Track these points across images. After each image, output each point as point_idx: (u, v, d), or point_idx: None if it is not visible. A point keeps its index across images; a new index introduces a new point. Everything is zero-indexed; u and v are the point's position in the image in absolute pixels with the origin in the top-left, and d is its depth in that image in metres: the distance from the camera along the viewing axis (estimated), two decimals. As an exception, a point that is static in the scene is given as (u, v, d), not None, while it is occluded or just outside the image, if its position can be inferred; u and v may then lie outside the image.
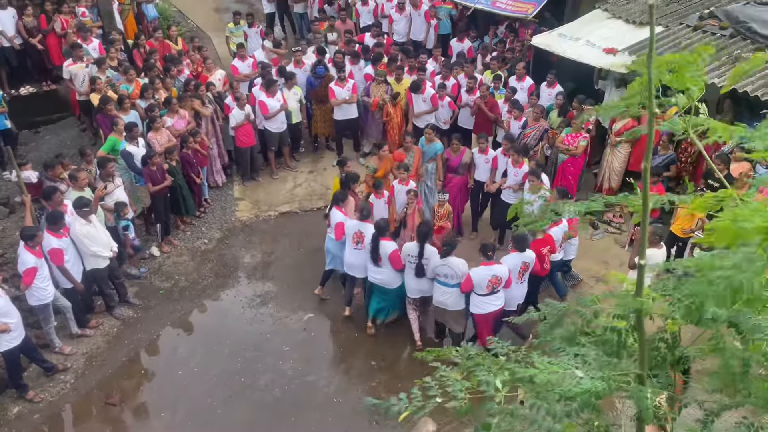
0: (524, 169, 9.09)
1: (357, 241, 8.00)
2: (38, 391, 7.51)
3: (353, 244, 8.05)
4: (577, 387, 1.96)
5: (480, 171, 9.69)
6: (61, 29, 12.72)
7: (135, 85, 10.84)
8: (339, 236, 8.20)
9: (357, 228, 8.01)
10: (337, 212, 8.29)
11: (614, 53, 10.25)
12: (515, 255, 7.47)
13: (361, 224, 7.99)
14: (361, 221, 8.01)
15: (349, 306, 8.63)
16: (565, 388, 1.99)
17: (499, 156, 9.53)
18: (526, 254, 7.50)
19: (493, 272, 7.25)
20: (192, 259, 9.78)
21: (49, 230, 7.56)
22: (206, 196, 10.89)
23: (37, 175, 9.10)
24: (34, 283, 7.29)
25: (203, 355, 8.12)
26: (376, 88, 11.43)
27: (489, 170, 9.62)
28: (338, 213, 8.27)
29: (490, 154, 9.59)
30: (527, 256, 7.51)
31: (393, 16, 13.93)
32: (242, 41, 13.13)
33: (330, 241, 8.51)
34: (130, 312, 8.72)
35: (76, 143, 12.01)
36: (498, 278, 7.28)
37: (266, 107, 10.84)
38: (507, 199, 9.36)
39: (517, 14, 12.51)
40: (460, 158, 9.64)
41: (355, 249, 8.05)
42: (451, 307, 7.60)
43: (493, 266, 7.30)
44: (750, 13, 9.60)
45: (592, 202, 2.54)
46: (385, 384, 7.64)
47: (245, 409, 7.36)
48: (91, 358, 8.02)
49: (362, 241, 7.95)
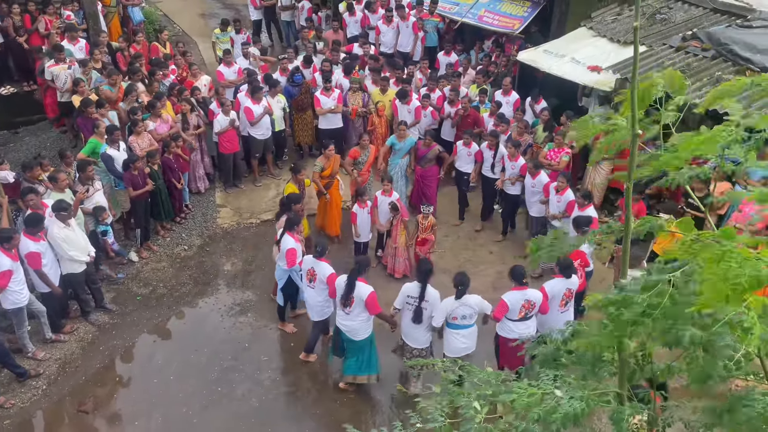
0: (520, 162, 9.64)
1: (310, 279, 7.45)
2: (9, 396, 7.36)
3: (306, 281, 7.53)
4: (556, 412, 1.95)
5: (462, 162, 10.26)
6: (45, 30, 12.59)
7: (119, 88, 10.74)
8: (292, 263, 7.63)
9: (311, 265, 7.41)
10: (289, 238, 7.74)
11: (598, 71, 10.36)
12: (559, 280, 7.00)
13: (316, 262, 7.35)
14: (317, 259, 7.35)
15: (308, 353, 7.95)
16: (543, 410, 1.98)
17: (485, 150, 9.97)
18: (572, 280, 7.02)
19: (526, 297, 6.79)
20: (171, 265, 9.67)
21: (27, 233, 7.43)
22: (187, 202, 10.80)
23: (14, 175, 8.96)
24: (8, 286, 7.16)
25: (180, 363, 8.01)
26: (352, 97, 11.47)
27: (472, 162, 10.17)
28: (290, 239, 7.74)
29: (473, 148, 10.08)
30: (572, 282, 7.03)
31: (380, 27, 13.98)
32: (229, 47, 13.10)
33: (277, 268, 8.06)
34: (106, 318, 8.60)
35: (56, 145, 11.87)
36: (531, 303, 6.80)
37: (252, 113, 10.80)
38: (507, 189, 9.91)
39: (504, 29, 12.61)
40: (428, 150, 10.03)
41: (308, 286, 7.52)
42: (472, 348, 6.98)
43: (526, 290, 6.81)
44: (731, 35, 9.76)
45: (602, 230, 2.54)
46: (364, 395, 7.59)
47: (222, 418, 7.26)
48: (65, 364, 7.88)
49: (314, 280, 7.38)
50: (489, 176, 10.18)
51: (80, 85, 10.55)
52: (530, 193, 9.56)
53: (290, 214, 8.15)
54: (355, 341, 7.14)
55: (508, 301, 6.79)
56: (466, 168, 10.29)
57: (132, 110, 10.02)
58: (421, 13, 14.16)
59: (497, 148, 9.91)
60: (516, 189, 9.82)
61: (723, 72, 9.30)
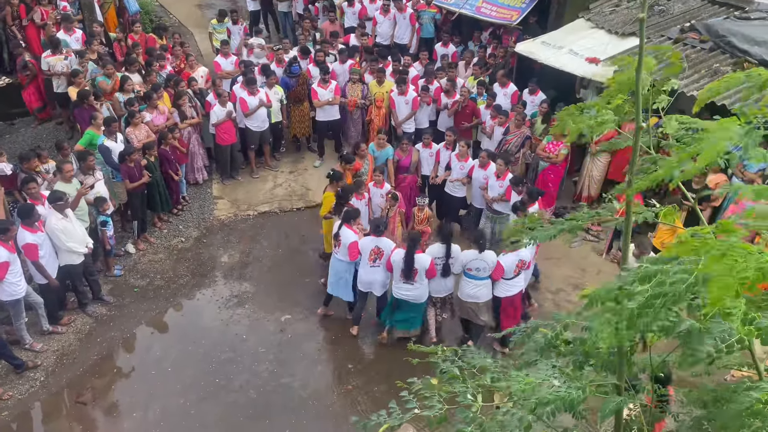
0: (470, 164, 9.57)
1: (374, 258, 7.76)
2: (7, 388, 7.37)
3: (370, 262, 7.80)
4: (552, 395, 1.96)
5: (424, 165, 10.13)
6: (40, 20, 12.51)
7: (114, 80, 10.70)
8: (355, 256, 7.84)
9: (374, 244, 7.77)
10: (348, 231, 7.86)
11: (596, 63, 10.34)
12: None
13: (378, 239, 7.75)
14: (377, 236, 7.76)
15: (357, 325, 8.32)
16: (541, 396, 1.99)
17: (442, 150, 9.92)
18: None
19: (519, 257, 7.54)
20: (168, 257, 9.67)
21: (24, 225, 7.42)
22: (184, 194, 10.78)
23: (12, 167, 8.93)
24: (5, 277, 7.15)
25: (177, 355, 8.03)
26: (351, 88, 11.41)
27: (432, 163, 10.06)
28: (350, 232, 7.85)
29: (434, 148, 10.00)
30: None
31: (377, 18, 13.91)
32: (226, 38, 13.04)
33: (339, 263, 8.06)
34: (104, 309, 8.60)
35: (53, 136, 11.83)
36: (523, 262, 7.61)
37: (246, 105, 10.77)
38: (451, 191, 9.86)
39: (501, 21, 12.57)
40: (410, 158, 9.93)
41: (372, 267, 7.83)
42: (483, 298, 7.71)
43: (519, 251, 7.45)
44: (729, 27, 9.75)
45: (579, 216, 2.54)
46: (362, 387, 7.62)
47: (219, 410, 7.28)
48: (63, 355, 7.89)
49: (380, 257, 7.75)
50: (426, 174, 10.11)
51: (77, 76, 10.51)
52: (479, 186, 9.49)
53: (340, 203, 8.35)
54: (419, 304, 7.81)
55: (503, 262, 7.52)
56: (428, 171, 10.11)
57: (129, 101, 9.98)
58: (417, 4, 14.10)
59: (454, 147, 9.75)
60: (461, 191, 9.80)
61: (721, 64, 9.30)
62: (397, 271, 7.60)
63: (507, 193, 8.99)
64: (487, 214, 9.50)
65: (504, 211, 9.15)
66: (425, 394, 2.38)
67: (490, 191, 9.27)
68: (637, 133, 2.15)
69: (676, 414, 2.38)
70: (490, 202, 9.29)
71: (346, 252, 7.86)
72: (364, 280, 7.98)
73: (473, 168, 9.49)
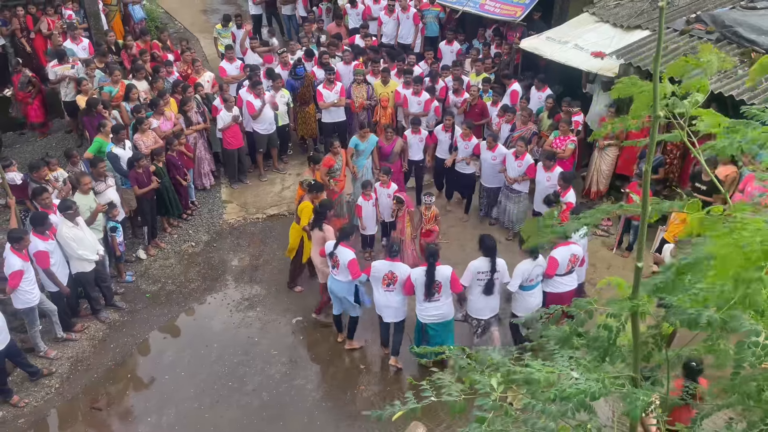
0: (473, 142, 9.86)
1: (388, 283, 7.24)
2: (23, 395, 7.42)
3: (383, 287, 7.28)
4: (572, 388, 1.95)
5: (413, 150, 10.23)
6: (47, 30, 12.61)
7: (120, 87, 10.76)
8: (357, 274, 7.33)
9: (388, 269, 7.21)
10: (345, 249, 7.37)
11: (602, 57, 10.30)
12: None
13: (392, 264, 7.21)
14: (391, 260, 7.25)
15: (386, 346, 7.86)
16: (560, 388, 1.98)
17: (439, 131, 10.12)
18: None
19: (572, 251, 7.21)
20: (179, 262, 9.71)
21: (35, 233, 7.47)
22: (193, 199, 10.83)
23: (22, 176, 9.00)
24: (20, 286, 7.21)
25: (190, 359, 8.06)
26: (356, 89, 11.41)
27: (422, 149, 10.27)
28: (347, 250, 7.38)
29: (422, 134, 10.18)
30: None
31: (381, 18, 13.92)
32: (230, 43, 13.07)
33: (339, 284, 7.53)
34: (116, 315, 8.64)
35: (62, 145, 11.91)
36: (576, 256, 7.24)
37: (253, 107, 10.80)
38: (461, 169, 10.11)
39: (506, 17, 12.54)
40: (392, 146, 9.97)
41: (386, 291, 7.30)
42: (541, 304, 7.24)
43: (570, 245, 7.16)
44: (736, 17, 9.68)
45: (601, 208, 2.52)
46: (373, 388, 7.62)
47: (233, 413, 7.30)
48: (77, 362, 7.93)
49: (394, 283, 7.21)
50: (442, 158, 10.31)
51: (84, 84, 10.57)
52: (489, 166, 9.77)
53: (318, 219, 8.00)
54: (447, 322, 7.25)
55: (557, 256, 7.17)
56: (417, 156, 10.30)
57: (136, 108, 10.04)
58: (421, 3, 14.09)
59: (453, 129, 10.04)
60: (469, 168, 10.06)
61: (728, 54, 9.23)
62: (419, 292, 7.11)
63: (529, 171, 9.32)
64: (505, 193, 9.76)
65: (522, 190, 9.52)
66: (442, 385, 2.37)
67: (510, 172, 9.48)
68: (654, 123, 2.14)
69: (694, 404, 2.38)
70: (510, 182, 9.52)
71: (347, 271, 7.38)
72: (378, 304, 7.50)
73: (478, 146, 9.79)
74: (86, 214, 8.13)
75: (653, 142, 2.17)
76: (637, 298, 2.07)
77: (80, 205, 8.10)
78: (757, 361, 1.96)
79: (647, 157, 2.23)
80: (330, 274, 7.64)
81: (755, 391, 2.00)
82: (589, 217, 2.45)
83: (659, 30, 2.07)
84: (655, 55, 2.08)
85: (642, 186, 5.31)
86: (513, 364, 2.30)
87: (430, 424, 6.60)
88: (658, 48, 2.08)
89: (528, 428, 2.10)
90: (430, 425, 6.58)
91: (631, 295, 2.11)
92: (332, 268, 7.54)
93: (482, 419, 2.08)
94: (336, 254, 7.41)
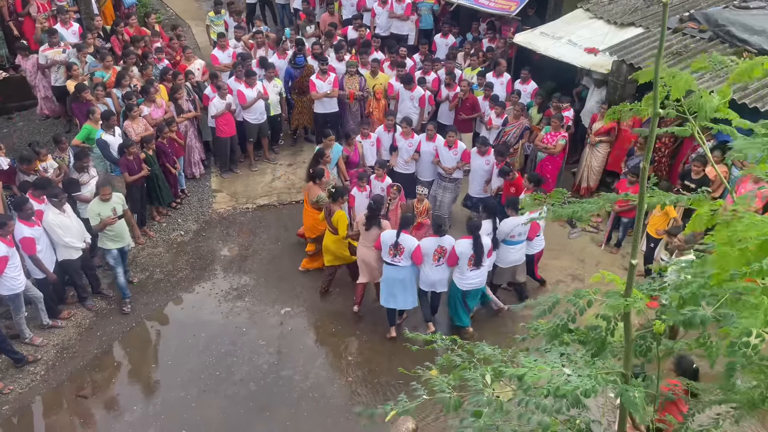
0: (416, 140, 9.86)
1: (438, 257, 7.66)
2: (7, 382, 7.37)
3: (434, 262, 7.69)
4: (566, 384, 1.95)
5: (368, 156, 10.06)
6: (36, 13, 12.44)
7: (111, 73, 10.64)
8: (421, 259, 7.68)
9: (437, 244, 7.64)
10: (408, 237, 7.65)
11: (595, 53, 10.32)
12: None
13: (441, 239, 7.65)
14: (440, 236, 7.65)
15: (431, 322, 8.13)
16: (553, 385, 1.98)
17: (382, 135, 10.05)
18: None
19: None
20: (167, 251, 9.65)
21: (21, 218, 7.40)
22: (183, 187, 10.76)
23: (9, 161, 8.89)
24: (4, 272, 7.13)
25: (177, 348, 8.02)
26: (349, 80, 11.35)
27: (374, 153, 10.09)
28: (410, 237, 7.67)
29: (373, 138, 10.07)
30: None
31: (375, 9, 13.85)
32: (223, 31, 12.96)
33: (402, 270, 7.74)
34: (103, 303, 8.59)
35: (50, 130, 11.78)
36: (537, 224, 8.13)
37: (244, 97, 10.72)
38: (402, 170, 10.05)
39: (500, 11, 12.52)
40: (357, 152, 9.89)
41: (437, 266, 7.72)
42: (522, 260, 8.26)
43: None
44: (728, 16, 9.72)
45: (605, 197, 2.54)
46: (362, 379, 7.62)
47: (220, 402, 7.28)
48: (63, 349, 7.88)
49: (443, 256, 7.67)
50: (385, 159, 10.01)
51: (74, 68, 10.45)
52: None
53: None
54: (483, 287, 7.99)
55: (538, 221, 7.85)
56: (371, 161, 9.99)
57: (126, 95, 9.94)
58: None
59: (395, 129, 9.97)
60: (408, 168, 10.06)
61: (720, 54, 9.26)
62: (464, 261, 7.57)
63: (464, 156, 9.57)
64: (441, 184, 9.88)
65: (459, 177, 9.78)
66: (434, 383, 2.36)
67: (444, 162, 9.63)
68: (654, 119, 2.14)
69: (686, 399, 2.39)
70: (448, 172, 9.66)
71: (410, 257, 7.68)
72: (429, 280, 7.85)
73: (420, 143, 9.83)
74: (96, 219, 7.94)
75: (652, 138, 2.17)
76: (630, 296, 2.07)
77: (91, 210, 7.97)
78: (747, 361, 1.97)
79: (645, 152, 2.23)
80: (388, 264, 7.77)
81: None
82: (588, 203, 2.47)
83: (662, 27, 2.07)
84: (657, 51, 2.08)
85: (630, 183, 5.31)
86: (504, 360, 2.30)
87: (420, 414, 6.62)
88: (660, 45, 2.07)
89: (523, 423, 2.10)
90: (419, 419, 6.60)
91: (624, 293, 2.11)
92: (394, 256, 7.70)
93: (479, 413, 2.07)
94: (400, 242, 7.63)
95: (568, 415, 2.22)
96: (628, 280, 2.12)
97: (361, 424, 6.86)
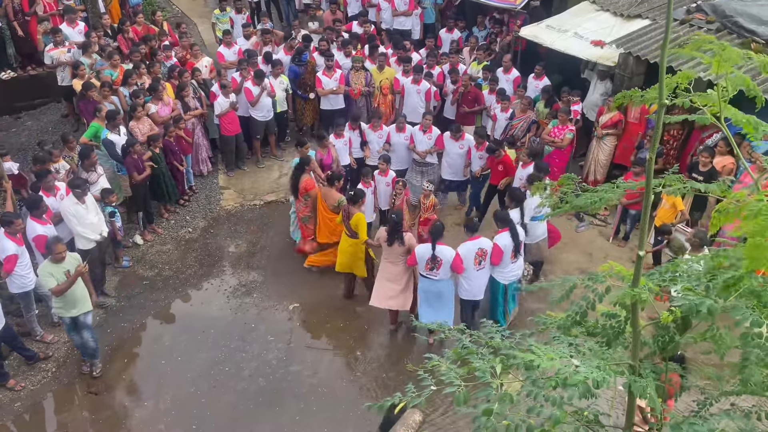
0: (385, 131, 9.99)
1: (479, 260, 7.43)
2: (19, 379, 7.43)
3: (476, 266, 7.43)
4: (575, 375, 1.95)
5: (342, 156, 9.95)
6: (43, 12, 12.47)
7: (119, 71, 10.68)
8: (461, 268, 7.38)
9: (476, 247, 7.40)
10: (445, 248, 7.34)
11: (602, 46, 10.27)
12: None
13: (479, 241, 7.46)
14: (476, 238, 7.51)
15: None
16: (562, 375, 1.98)
17: (350, 134, 10.03)
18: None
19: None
20: (176, 248, 9.69)
21: (33, 217, 7.45)
22: (192, 183, 10.79)
23: (18, 166, 8.96)
24: (14, 270, 7.19)
25: (187, 344, 8.07)
26: (355, 76, 11.34)
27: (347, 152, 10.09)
28: (447, 248, 7.35)
29: (345, 137, 9.96)
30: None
31: (381, 4, 13.83)
32: (228, 28, 12.98)
33: (440, 284, 7.49)
34: (113, 300, 8.64)
35: (58, 129, 11.84)
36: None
37: (251, 93, 10.74)
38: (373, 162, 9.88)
39: (506, 5, 12.47)
40: (330, 154, 9.66)
41: (479, 270, 7.49)
42: (545, 234, 8.46)
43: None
44: (736, 7, 9.65)
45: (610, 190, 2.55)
46: (370, 374, 7.64)
47: (229, 398, 7.32)
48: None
49: (485, 258, 7.44)
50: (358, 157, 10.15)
51: (80, 68, 10.49)
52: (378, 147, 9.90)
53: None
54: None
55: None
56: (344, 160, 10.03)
57: (134, 93, 9.96)
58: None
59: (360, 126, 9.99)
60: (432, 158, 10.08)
61: (728, 45, 9.20)
62: (507, 255, 7.46)
63: (438, 142, 9.74)
64: (417, 170, 10.02)
65: (434, 162, 9.94)
66: (442, 373, 2.36)
67: (418, 146, 9.82)
68: (660, 110, 2.13)
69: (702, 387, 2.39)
70: (422, 155, 9.83)
71: (449, 269, 7.39)
72: (472, 287, 7.57)
73: (390, 135, 9.98)
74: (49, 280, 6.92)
75: (659, 128, 2.17)
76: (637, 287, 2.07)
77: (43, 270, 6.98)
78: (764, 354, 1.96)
79: (652, 143, 2.22)
80: (424, 277, 7.53)
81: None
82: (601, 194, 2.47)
83: (667, 18, 2.07)
84: (662, 43, 2.07)
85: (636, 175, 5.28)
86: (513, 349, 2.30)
87: (426, 410, 6.64)
88: (666, 36, 2.07)
89: (533, 415, 2.10)
90: (426, 411, 6.62)
91: (632, 284, 2.11)
92: (434, 270, 7.42)
93: (489, 411, 2.06)
94: (437, 255, 7.33)
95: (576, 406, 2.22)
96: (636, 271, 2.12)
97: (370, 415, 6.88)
